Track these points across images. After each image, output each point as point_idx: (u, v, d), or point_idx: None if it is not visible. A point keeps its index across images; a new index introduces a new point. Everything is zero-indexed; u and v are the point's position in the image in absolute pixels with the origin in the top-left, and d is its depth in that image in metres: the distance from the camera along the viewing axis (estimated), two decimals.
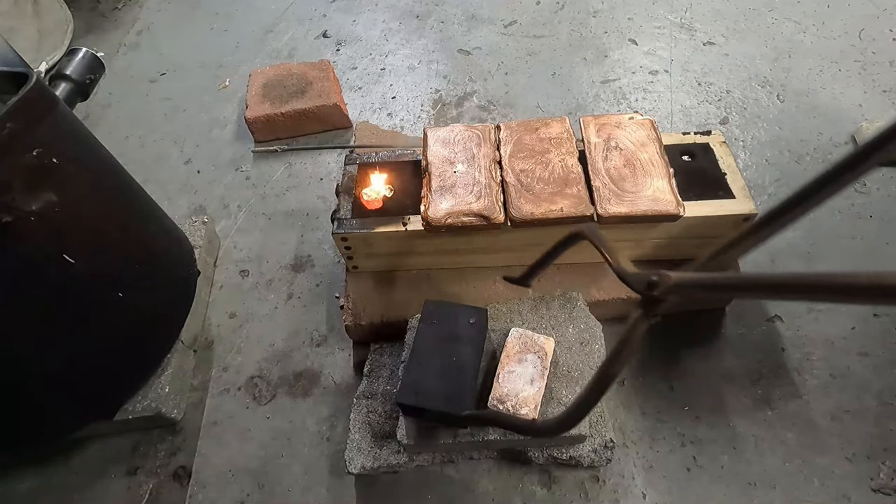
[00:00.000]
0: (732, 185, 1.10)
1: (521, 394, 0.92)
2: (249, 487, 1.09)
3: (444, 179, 1.11)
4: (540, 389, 0.94)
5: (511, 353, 0.98)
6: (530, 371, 0.95)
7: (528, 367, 0.96)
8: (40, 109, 0.84)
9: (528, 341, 0.99)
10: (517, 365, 0.96)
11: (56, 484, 1.12)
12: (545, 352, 0.98)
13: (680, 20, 1.93)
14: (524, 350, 0.98)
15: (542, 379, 0.95)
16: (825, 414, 1.09)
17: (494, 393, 0.93)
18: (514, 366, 0.96)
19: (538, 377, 0.95)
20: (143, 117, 1.82)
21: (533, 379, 0.95)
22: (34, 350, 0.94)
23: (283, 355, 1.26)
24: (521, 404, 0.91)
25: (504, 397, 0.92)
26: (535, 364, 0.96)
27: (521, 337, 0.99)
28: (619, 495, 1.03)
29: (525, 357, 0.97)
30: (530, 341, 0.99)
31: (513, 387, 0.93)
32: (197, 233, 1.37)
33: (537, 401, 0.92)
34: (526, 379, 0.94)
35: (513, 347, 0.98)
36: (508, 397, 0.92)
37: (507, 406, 0.91)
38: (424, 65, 1.88)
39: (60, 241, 0.88)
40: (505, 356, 0.97)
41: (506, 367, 0.96)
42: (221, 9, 2.22)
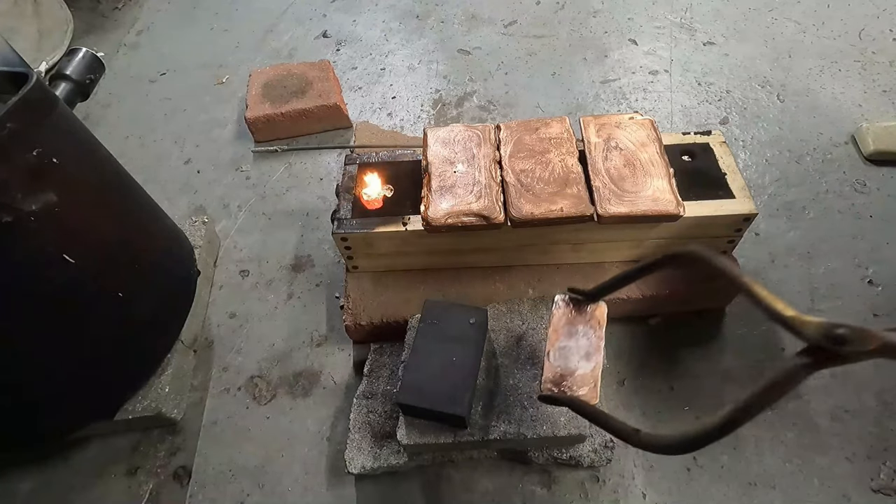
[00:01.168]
0: (732, 185, 1.10)
1: (577, 372, 0.82)
2: (249, 487, 1.09)
3: (444, 179, 1.11)
4: (598, 364, 0.83)
5: (559, 326, 0.87)
6: (584, 344, 0.84)
7: (581, 340, 0.85)
8: (40, 109, 0.85)
9: (577, 310, 0.88)
10: (567, 339, 0.85)
11: (56, 484, 1.12)
12: (598, 320, 0.87)
13: (680, 20, 1.93)
14: (573, 321, 0.87)
15: (599, 352, 0.84)
16: (825, 414, 1.09)
17: (547, 374, 0.83)
18: (564, 340, 0.85)
19: (594, 351, 0.84)
20: (143, 117, 1.82)
21: (588, 353, 0.83)
22: (34, 350, 0.94)
23: (283, 355, 1.26)
24: (579, 384, 0.81)
25: (558, 378, 0.82)
26: (587, 335, 0.85)
27: (568, 306, 0.89)
28: (619, 495, 1.03)
29: (575, 329, 0.86)
30: (580, 310, 0.88)
31: (566, 365, 0.83)
32: (197, 233, 1.37)
33: (596, 378, 0.82)
34: (580, 354, 0.83)
35: (560, 320, 0.87)
36: (564, 378, 0.82)
37: (564, 388, 0.81)
38: (424, 65, 1.88)
39: (60, 241, 0.88)
40: (553, 331, 0.87)
41: (555, 343, 0.85)
42: (221, 9, 2.22)
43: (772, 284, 1.28)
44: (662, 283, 1.15)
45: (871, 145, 1.46)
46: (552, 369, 0.83)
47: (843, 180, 1.45)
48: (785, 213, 1.39)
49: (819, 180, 1.45)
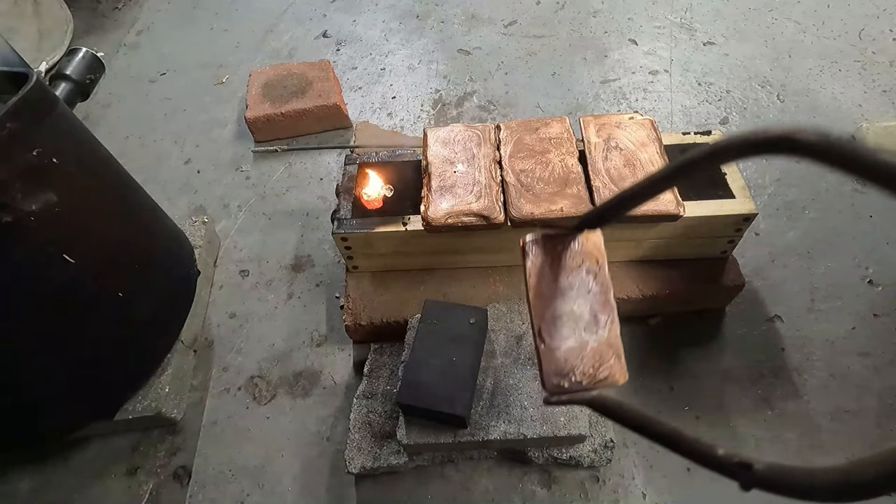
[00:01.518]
0: (732, 184, 1.10)
1: (588, 345, 0.59)
2: (249, 487, 1.09)
3: (444, 179, 1.11)
4: (613, 323, 0.60)
5: (541, 285, 0.60)
6: (585, 301, 0.60)
7: (579, 296, 0.60)
8: (40, 109, 0.85)
9: (561, 252, 0.62)
10: (560, 301, 0.59)
11: (56, 484, 1.12)
12: (594, 256, 0.61)
13: (680, 20, 1.93)
14: (559, 271, 0.61)
15: (609, 305, 0.60)
16: (825, 414, 1.09)
17: (547, 364, 0.58)
18: (555, 304, 0.59)
19: (602, 305, 0.60)
20: (143, 117, 1.82)
21: (595, 311, 0.60)
22: (34, 350, 0.94)
23: (283, 355, 1.26)
24: (596, 363, 0.58)
25: (565, 365, 0.57)
26: (586, 285, 0.60)
27: (546, 251, 0.61)
28: (619, 495, 1.03)
29: (567, 282, 0.60)
30: (569, 252, 0.62)
31: (569, 343, 0.58)
32: (197, 233, 1.37)
33: (616, 345, 0.59)
34: (584, 317, 0.59)
35: (540, 275, 0.60)
36: (572, 363, 0.58)
37: (576, 378, 0.57)
38: (424, 65, 1.88)
39: (60, 241, 0.88)
40: (535, 296, 0.60)
41: (544, 312, 0.59)
42: (221, 9, 2.22)
43: (772, 284, 1.28)
44: (662, 282, 1.15)
45: (871, 145, 1.46)
46: (551, 354, 0.58)
47: (843, 180, 1.45)
48: (785, 213, 1.39)
49: (819, 180, 1.45)
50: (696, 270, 1.16)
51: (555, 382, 0.58)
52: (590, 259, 0.62)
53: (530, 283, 0.61)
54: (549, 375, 0.58)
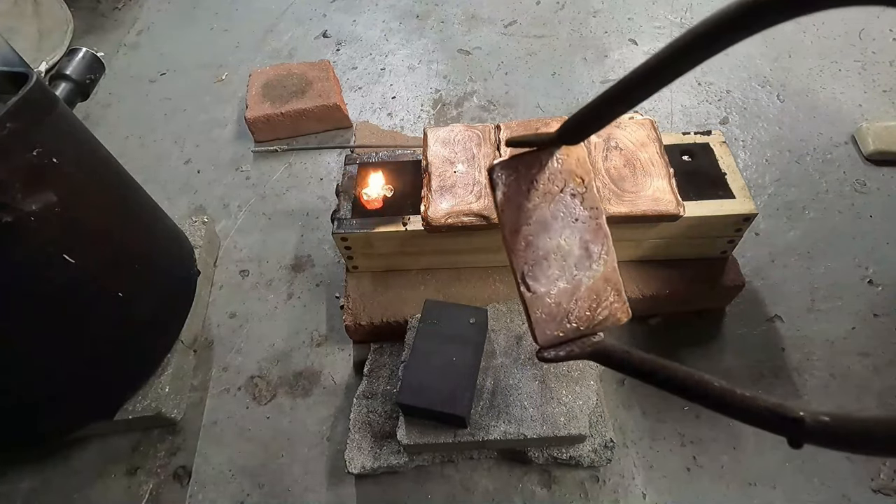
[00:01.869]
0: (732, 184, 1.10)
1: (582, 285, 0.51)
2: (249, 487, 1.09)
3: (444, 179, 1.11)
4: (609, 253, 0.53)
5: (518, 219, 0.50)
6: (574, 232, 0.51)
7: (566, 226, 0.51)
8: (40, 109, 0.85)
9: (536, 175, 0.50)
10: (543, 234, 0.50)
11: (56, 484, 1.12)
12: (576, 174, 0.52)
13: (680, 20, 1.93)
14: (538, 198, 0.51)
15: (602, 232, 0.53)
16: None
17: (537, 312, 0.50)
18: (538, 240, 0.50)
19: (593, 233, 0.52)
20: (143, 117, 1.82)
21: (587, 242, 0.52)
22: (34, 350, 0.94)
23: (283, 355, 1.26)
24: (593, 304, 0.51)
25: (557, 312, 0.50)
26: (573, 212, 0.51)
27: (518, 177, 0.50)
28: (619, 495, 1.03)
29: (550, 210, 0.51)
30: (539, 172, 0.51)
31: (559, 284, 0.50)
32: (197, 233, 1.37)
33: (615, 279, 0.53)
34: (574, 254, 0.52)
35: (515, 209, 0.50)
36: (565, 308, 0.50)
37: (572, 324, 0.51)
38: (424, 65, 1.88)
39: (60, 241, 0.88)
40: (511, 232, 0.50)
41: (525, 253, 0.50)
42: (221, 9, 2.22)
43: (772, 284, 1.28)
44: (662, 283, 1.16)
45: (871, 145, 1.46)
46: (540, 301, 0.50)
47: (843, 180, 1.45)
48: (785, 213, 1.39)
49: (819, 180, 1.45)
50: (696, 270, 1.16)
51: (548, 333, 0.50)
52: (573, 179, 0.51)
53: (505, 219, 0.51)
54: (540, 326, 0.51)
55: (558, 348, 0.51)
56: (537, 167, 0.51)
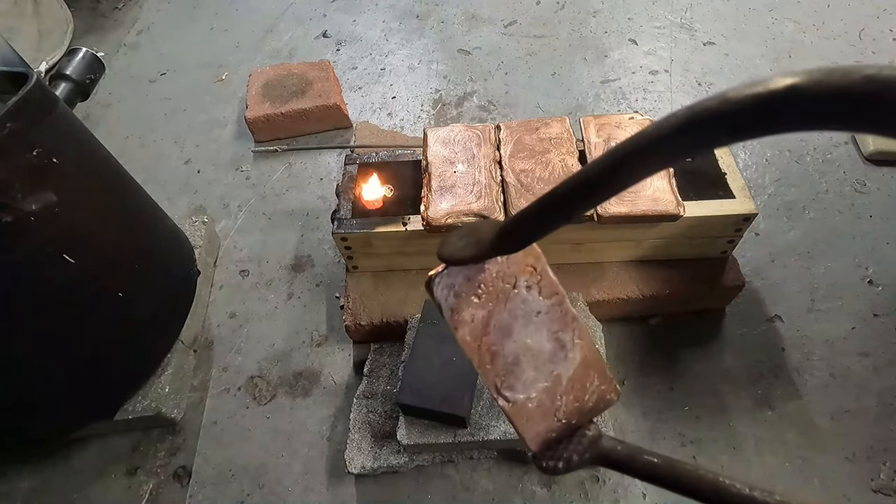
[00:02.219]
0: (732, 184, 1.10)
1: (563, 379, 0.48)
2: (249, 487, 1.09)
3: (444, 179, 1.11)
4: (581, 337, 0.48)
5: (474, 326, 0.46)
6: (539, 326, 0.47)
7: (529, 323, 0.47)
8: (40, 109, 0.84)
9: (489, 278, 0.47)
10: (507, 340, 0.47)
11: (56, 484, 1.12)
12: (529, 265, 0.47)
13: (680, 20, 1.93)
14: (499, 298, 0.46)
15: (567, 318, 0.48)
16: (825, 414, 1.09)
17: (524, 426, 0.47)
18: (503, 346, 0.47)
19: (559, 323, 0.48)
20: (143, 117, 1.82)
21: (556, 335, 0.48)
22: (34, 350, 0.94)
23: (283, 355, 1.26)
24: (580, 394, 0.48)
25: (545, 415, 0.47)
26: (533, 306, 0.47)
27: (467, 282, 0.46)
28: (619, 495, 1.03)
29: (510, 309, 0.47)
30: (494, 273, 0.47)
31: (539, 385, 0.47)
32: (197, 233, 1.37)
33: (596, 362, 0.49)
34: (546, 349, 0.47)
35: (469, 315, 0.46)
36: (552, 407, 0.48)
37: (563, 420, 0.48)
38: (424, 65, 1.88)
39: (60, 241, 0.88)
40: (472, 350, 0.47)
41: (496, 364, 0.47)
42: (221, 9, 2.22)
43: (772, 284, 1.28)
44: (662, 283, 1.16)
45: (871, 145, 1.46)
46: (524, 409, 0.47)
47: (843, 180, 1.45)
48: (785, 213, 1.40)
49: (819, 180, 1.45)
50: (696, 270, 1.16)
51: (542, 439, 0.46)
52: (524, 271, 0.47)
53: (461, 336, 0.47)
54: (529, 433, 0.47)
55: (555, 453, 0.47)
56: (481, 269, 0.46)
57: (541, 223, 0.38)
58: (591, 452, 0.46)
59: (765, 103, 0.22)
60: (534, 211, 0.37)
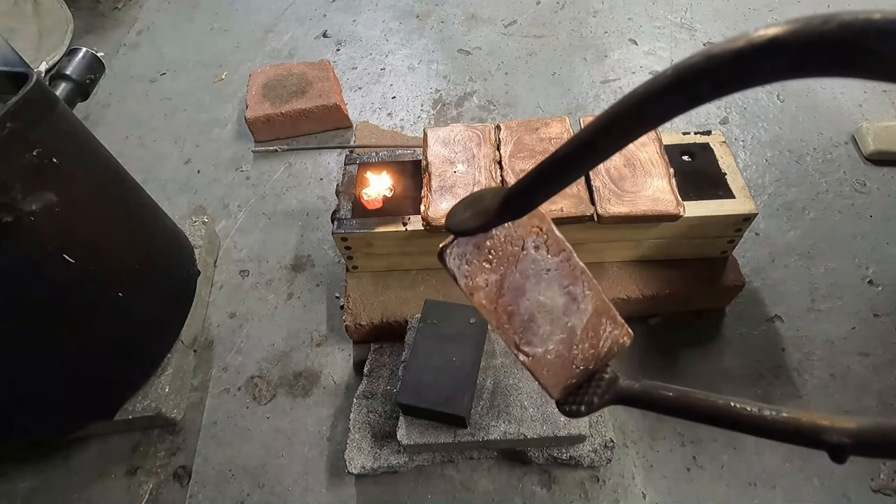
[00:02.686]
0: (732, 184, 1.10)
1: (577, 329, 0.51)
2: (249, 487, 1.09)
3: (444, 179, 1.11)
4: (591, 288, 0.51)
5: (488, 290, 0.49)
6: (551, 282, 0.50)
7: (541, 280, 0.50)
8: (40, 109, 0.84)
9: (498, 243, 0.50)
10: (521, 299, 0.50)
11: (56, 484, 1.12)
12: (535, 226, 0.50)
13: (680, 20, 1.93)
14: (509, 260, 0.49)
15: (576, 272, 0.50)
16: None
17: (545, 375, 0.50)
18: (518, 305, 0.50)
19: (569, 277, 0.50)
20: (143, 117, 1.82)
21: (567, 288, 0.50)
22: (34, 350, 0.94)
23: (283, 355, 1.26)
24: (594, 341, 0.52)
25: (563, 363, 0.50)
26: (543, 264, 0.50)
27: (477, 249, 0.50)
28: (619, 495, 1.03)
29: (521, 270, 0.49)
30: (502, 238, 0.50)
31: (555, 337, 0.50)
32: (197, 233, 1.37)
33: (606, 310, 0.52)
34: (559, 304, 0.50)
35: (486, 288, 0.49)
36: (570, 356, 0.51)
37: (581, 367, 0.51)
38: (424, 65, 1.88)
39: (60, 241, 0.88)
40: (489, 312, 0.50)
41: (513, 322, 0.50)
42: (221, 9, 2.22)
43: (772, 284, 1.28)
44: (662, 283, 1.16)
45: (871, 145, 1.46)
46: (543, 360, 0.50)
47: (843, 180, 1.45)
48: (785, 213, 1.40)
49: (819, 180, 1.45)
50: (696, 270, 1.16)
51: (562, 386, 0.50)
52: (531, 231, 0.49)
53: (478, 302, 0.50)
54: (549, 382, 0.51)
55: (577, 398, 0.51)
56: (490, 236, 0.49)
57: (542, 187, 0.39)
58: (609, 394, 0.50)
59: (747, 56, 0.22)
60: (534, 176, 0.39)
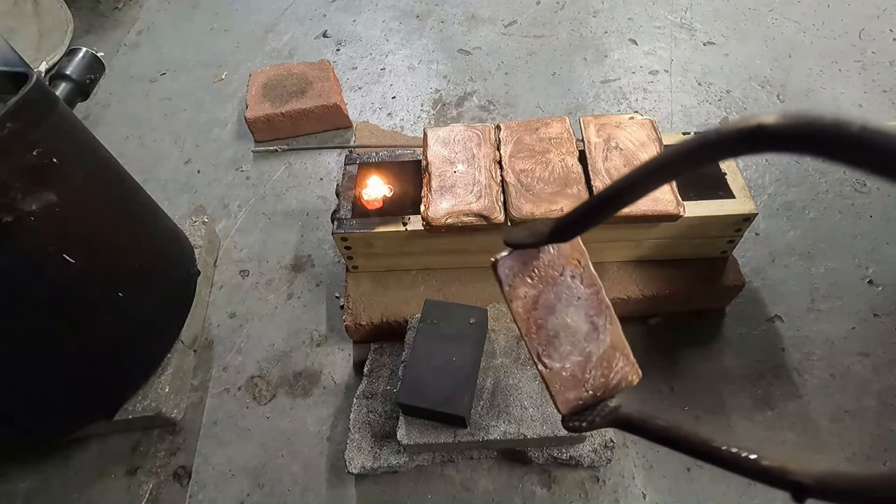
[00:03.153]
0: (732, 184, 1.10)
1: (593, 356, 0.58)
2: (249, 487, 1.09)
3: (444, 179, 1.11)
4: (613, 323, 0.58)
5: (527, 307, 0.57)
6: (578, 309, 0.58)
7: (571, 305, 0.58)
8: (40, 109, 0.84)
9: (536, 264, 0.59)
10: (551, 316, 0.58)
11: (56, 484, 1.12)
12: (574, 258, 0.59)
13: (680, 20, 1.93)
14: (541, 285, 0.58)
15: (603, 305, 0.58)
16: (825, 414, 1.09)
17: (559, 391, 0.57)
18: (547, 321, 0.58)
19: (595, 307, 0.57)
20: (143, 117, 1.82)
21: (592, 319, 0.58)
22: (34, 350, 0.94)
23: (283, 355, 1.26)
24: (606, 371, 0.57)
25: (574, 384, 0.56)
26: (575, 292, 0.58)
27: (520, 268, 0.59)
28: (619, 495, 1.03)
29: (556, 292, 0.57)
30: (545, 261, 0.59)
31: (572, 358, 0.57)
32: (197, 233, 1.37)
33: (622, 345, 0.57)
34: (582, 329, 0.58)
35: (522, 298, 0.57)
36: (581, 378, 0.57)
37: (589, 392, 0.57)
38: (424, 65, 1.88)
39: (60, 241, 0.88)
40: (523, 321, 0.58)
41: (538, 336, 0.57)
42: (221, 9, 2.22)
43: (772, 284, 1.28)
44: (662, 283, 1.16)
45: None
46: (558, 375, 0.56)
47: (843, 180, 1.45)
48: (785, 213, 1.39)
49: (819, 180, 1.45)
50: (696, 270, 1.16)
51: (569, 401, 0.58)
52: (570, 262, 0.59)
53: (515, 309, 0.59)
54: (560, 396, 0.58)
55: (580, 417, 0.57)
56: (535, 257, 0.59)
57: (583, 221, 0.51)
58: (611, 417, 0.56)
59: (745, 134, 0.32)
60: (578, 212, 0.51)
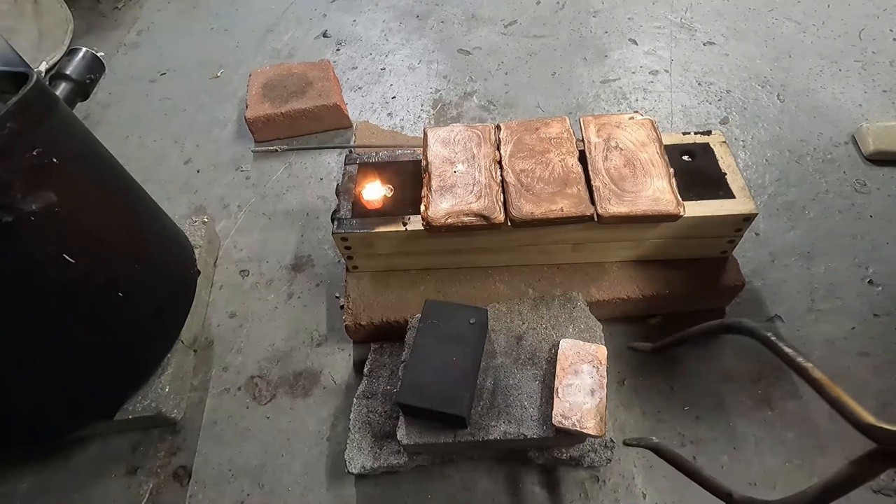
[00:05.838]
0: (732, 184, 1.10)
1: (583, 407, 0.92)
2: (249, 487, 1.09)
3: (444, 179, 1.11)
4: (601, 400, 0.93)
5: (565, 365, 0.97)
6: (588, 382, 0.95)
7: (586, 378, 0.95)
8: (40, 109, 0.84)
9: (581, 351, 0.98)
10: (574, 377, 0.95)
11: (56, 484, 1.12)
12: (599, 360, 0.97)
13: (680, 20, 1.93)
14: (578, 360, 0.97)
15: (602, 389, 0.94)
16: (825, 414, 1.09)
17: (557, 409, 0.92)
18: (570, 378, 0.95)
19: (597, 387, 0.94)
20: (143, 117, 1.82)
21: (593, 390, 0.94)
22: (34, 350, 0.94)
23: (283, 355, 1.26)
24: (585, 418, 0.91)
25: (567, 412, 0.92)
26: (591, 374, 0.96)
27: (573, 347, 0.99)
28: (619, 495, 1.03)
29: (580, 368, 0.97)
30: (583, 351, 0.98)
31: (574, 400, 0.93)
32: (197, 233, 1.37)
33: (601, 412, 0.92)
34: (585, 391, 0.94)
35: (566, 359, 0.98)
36: (572, 412, 0.92)
37: (573, 422, 0.91)
38: (424, 65, 1.88)
39: (60, 241, 0.88)
40: (560, 369, 0.97)
41: (563, 380, 0.95)
42: (221, 9, 2.22)
43: (772, 284, 1.28)
44: (662, 283, 1.16)
45: (871, 145, 1.46)
46: (561, 404, 0.93)
47: (843, 180, 1.45)
48: (785, 213, 1.39)
49: (819, 180, 1.45)
50: (696, 270, 1.16)
51: (559, 419, 0.92)
52: (596, 361, 0.98)
53: (559, 361, 0.98)
54: (556, 415, 0.93)
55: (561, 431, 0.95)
56: (582, 348, 1.00)
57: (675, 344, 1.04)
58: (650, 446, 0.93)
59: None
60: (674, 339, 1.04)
